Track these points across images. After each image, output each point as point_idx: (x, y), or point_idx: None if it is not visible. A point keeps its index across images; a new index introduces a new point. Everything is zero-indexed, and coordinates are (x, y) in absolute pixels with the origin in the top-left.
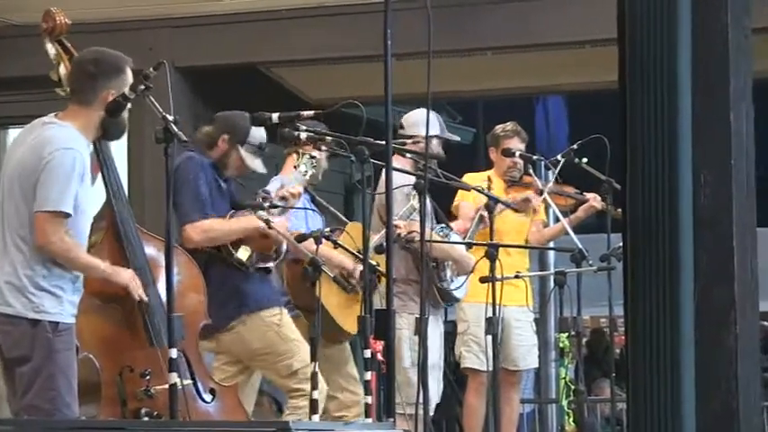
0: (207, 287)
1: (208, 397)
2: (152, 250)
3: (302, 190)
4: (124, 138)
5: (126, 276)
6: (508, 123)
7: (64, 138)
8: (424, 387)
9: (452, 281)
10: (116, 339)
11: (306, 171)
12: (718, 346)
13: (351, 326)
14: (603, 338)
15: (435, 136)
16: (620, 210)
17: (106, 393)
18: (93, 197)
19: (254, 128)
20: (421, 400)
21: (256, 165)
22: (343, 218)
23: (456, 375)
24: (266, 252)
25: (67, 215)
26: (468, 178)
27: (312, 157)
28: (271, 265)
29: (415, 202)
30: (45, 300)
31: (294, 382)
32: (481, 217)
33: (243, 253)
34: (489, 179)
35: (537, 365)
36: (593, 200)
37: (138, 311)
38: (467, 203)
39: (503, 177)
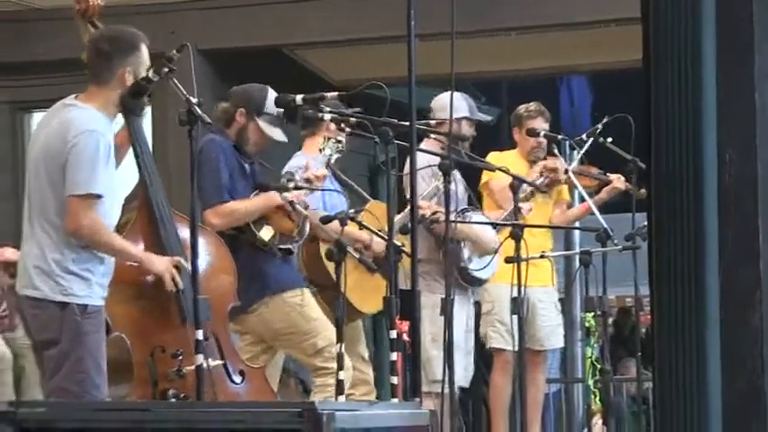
0: None
1: (237, 378)
2: (183, 231)
3: (326, 172)
4: (148, 120)
5: (160, 265)
6: (531, 103)
7: (86, 120)
8: (449, 367)
9: (471, 261)
10: (148, 319)
11: (331, 155)
12: (744, 325)
13: (366, 306)
14: (629, 318)
15: (465, 117)
16: (643, 190)
17: (138, 374)
18: (120, 178)
19: (270, 97)
20: (447, 379)
21: (276, 134)
22: (366, 195)
23: (482, 356)
24: (288, 233)
25: (99, 196)
26: (492, 158)
27: (338, 142)
28: (292, 246)
29: (440, 183)
30: (74, 283)
31: (320, 361)
32: (518, 209)
33: (266, 233)
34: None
35: (562, 345)
36: (617, 180)
37: (172, 291)
38: (500, 181)
39: (527, 158)
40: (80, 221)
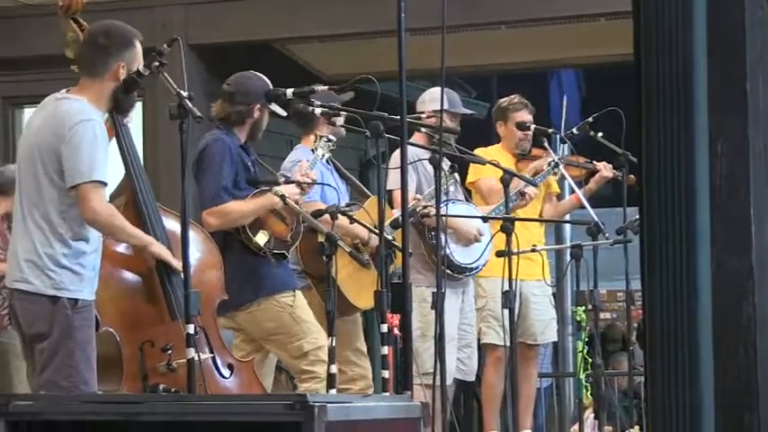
0: (225, 269)
1: (226, 372)
2: (171, 226)
3: (315, 175)
4: (139, 115)
5: (165, 251)
6: (514, 96)
7: (80, 110)
8: (441, 360)
9: (453, 249)
10: (137, 314)
11: (323, 155)
12: (736, 315)
13: (361, 300)
14: (617, 331)
15: (445, 110)
16: (633, 176)
17: (127, 368)
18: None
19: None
20: (438, 372)
21: (279, 110)
22: (366, 189)
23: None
24: (283, 236)
25: (104, 183)
26: (479, 153)
27: (329, 141)
28: (286, 251)
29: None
30: (65, 277)
31: (305, 364)
32: (522, 193)
33: (261, 238)
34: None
35: (556, 339)
36: (605, 169)
37: (161, 285)
38: (488, 179)
39: (512, 151)
40: (96, 208)
